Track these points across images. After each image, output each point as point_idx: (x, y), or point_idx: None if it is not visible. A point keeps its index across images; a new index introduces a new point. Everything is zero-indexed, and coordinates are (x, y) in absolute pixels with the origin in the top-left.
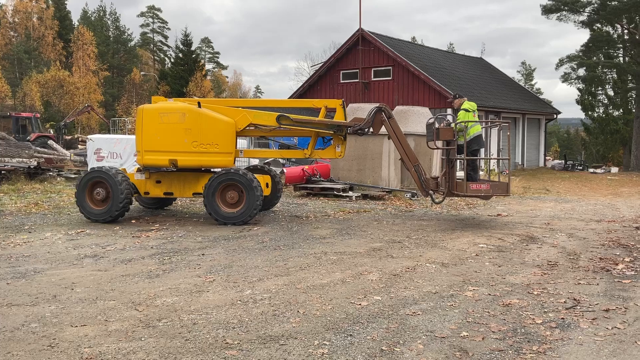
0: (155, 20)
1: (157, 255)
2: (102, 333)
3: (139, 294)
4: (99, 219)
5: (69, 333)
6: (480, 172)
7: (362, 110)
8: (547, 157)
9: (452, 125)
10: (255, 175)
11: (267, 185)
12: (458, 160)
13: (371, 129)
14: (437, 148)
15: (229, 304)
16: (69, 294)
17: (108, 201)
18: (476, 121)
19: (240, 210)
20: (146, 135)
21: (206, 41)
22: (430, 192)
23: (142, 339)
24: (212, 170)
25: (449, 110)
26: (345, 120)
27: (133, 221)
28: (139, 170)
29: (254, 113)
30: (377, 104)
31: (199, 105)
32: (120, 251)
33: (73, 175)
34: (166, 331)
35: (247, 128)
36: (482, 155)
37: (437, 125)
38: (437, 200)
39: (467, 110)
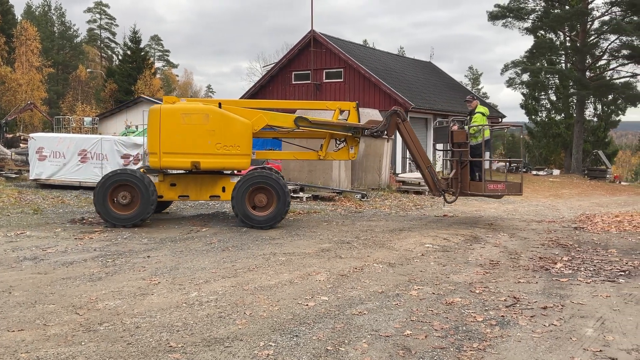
0: (103, 17)
1: (100, 257)
2: (40, 338)
3: (80, 298)
4: (127, 223)
5: (6, 338)
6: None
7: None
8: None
9: (465, 127)
10: None
11: None
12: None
13: (386, 132)
14: (451, 150)
15: (173, 306)
16: (6, 298)
17: (134, 204)
18: (488, 125)
19: (271, 213)
20: (165, 136)
21: (156, 39)
22: (443, 191)
23: (82, 343)
24: (224, 172)
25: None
26: (359, 122)
27: (76, 222)
28: (146, 172)
29: (270, 114)
30: (393, 108)
31: (220, 106)
32: (61, 253)
33: (14, 175)
34: (107, 335)
35: (263, 130)
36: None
37: (451, 128)
38: (449, 200)
39: (483, 114)
